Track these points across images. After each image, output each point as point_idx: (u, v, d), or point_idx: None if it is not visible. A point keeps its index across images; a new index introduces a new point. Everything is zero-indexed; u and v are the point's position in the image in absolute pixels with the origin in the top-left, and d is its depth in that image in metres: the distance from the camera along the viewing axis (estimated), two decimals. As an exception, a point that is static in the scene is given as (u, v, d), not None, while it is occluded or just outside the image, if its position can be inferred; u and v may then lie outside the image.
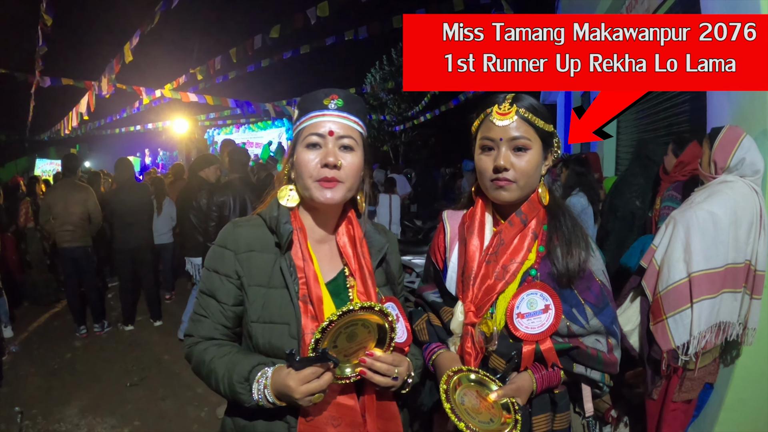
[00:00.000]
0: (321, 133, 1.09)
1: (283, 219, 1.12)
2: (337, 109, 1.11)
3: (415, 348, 1.25)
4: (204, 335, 1.14)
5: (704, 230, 1.99)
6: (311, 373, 0.95)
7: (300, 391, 0.94)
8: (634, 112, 5.28)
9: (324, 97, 1.11)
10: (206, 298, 1.14)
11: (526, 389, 1.14)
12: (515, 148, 1.17)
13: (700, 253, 1.98)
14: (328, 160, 1.07)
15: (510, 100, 1.19)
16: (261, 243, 1.13)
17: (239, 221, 1.18)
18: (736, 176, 2.10)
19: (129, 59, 7.38)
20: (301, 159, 1.10)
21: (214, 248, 1.15)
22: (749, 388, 2.25)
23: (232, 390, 1.03)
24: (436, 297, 1.35)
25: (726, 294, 2.01)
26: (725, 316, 2.02)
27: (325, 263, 1.16)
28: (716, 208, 2.00)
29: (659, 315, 2.07)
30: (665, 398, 2.19)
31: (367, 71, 25.48)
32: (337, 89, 1.13)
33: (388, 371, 1.04)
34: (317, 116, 1.10)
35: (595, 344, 1.19)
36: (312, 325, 1.04)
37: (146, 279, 5.24)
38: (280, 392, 0.98)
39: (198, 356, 1.12)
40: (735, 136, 2.10)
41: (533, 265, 1.21)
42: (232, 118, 19.18)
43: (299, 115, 1.14)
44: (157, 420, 3.36)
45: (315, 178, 1.08)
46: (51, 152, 19.47)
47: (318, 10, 7.29)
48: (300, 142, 1.11)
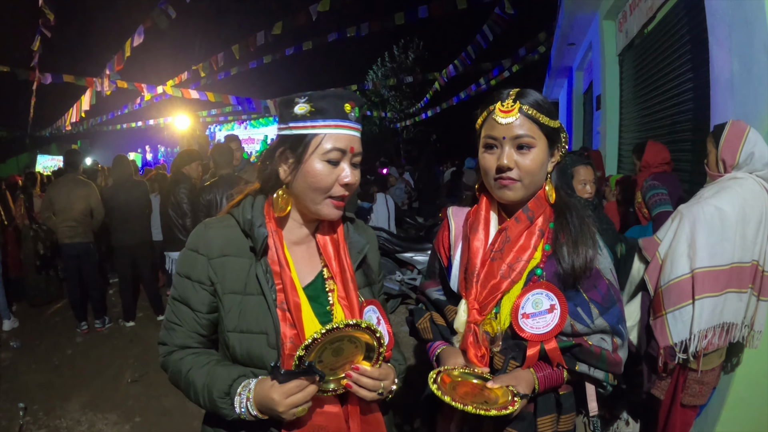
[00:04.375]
0: (343, 149, 1.01)
1: (257, 222, 1.05)
2: (356, 120, 1.04)
3: (397, 353, 1.21)
4: (178, 344, 1.09)
5: (711, 226, 1.94)
6: (296, 386, 0.92)
7: (284, 404, 0.91)
8: (637, 111, 5.26)
9: (343, 102, 1.02)
10: (179, 305, 1.08)
11: (524, 378, 1.12)
12: (519, 147, 1.14)
13: (705, 250, 1.94)
14: (348, 181, 1.02)
15: (513, 96, 1.16)
16: (235, 247, 1.06)
17: (211, 222, 1.11)
18: (746, 173, 2.04)
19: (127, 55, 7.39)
20: (316, 172, 1.01)
21: (186, 252, 1.08)
22: (751, 387, 2.23)
23: (213, 404, 0.99)
24: (440, 295, 1.34)
25: (731, 294, 1.95)
26: (729, 317, 1.96)
27: (303, 265, 1.10)
28: (724, 204, 1.95)
29: (659, 310, 2.04)
30: (673, 401, 2.16)
31: (369, 68, 25.43)
32: (350, 92, 1.05)
33: (374, 386, 1.00)
34: (340, 126, 1.01)
35: (600, 343, 1.17)
36: (291, 333, 1.00)
37: (146, 275, 5.24)
38: (263, 405, 0.94)
39: (174, 366, 1.08)
40: (740, 131, 2.05)
41: (539, 264, 1.19)
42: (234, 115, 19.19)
43: (313, 115, 1.01)
44: (159, 416, 3.37)
45: (330, 195, 1.03)
46: (53, 148, 19.50)
47: (319, 5, 7.28)
48: (315, 150, 1.00)
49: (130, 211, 4.96)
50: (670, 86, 4.12)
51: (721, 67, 2.72)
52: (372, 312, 1.10)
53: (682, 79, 3.82)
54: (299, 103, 1.02)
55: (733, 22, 2.57)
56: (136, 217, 5.03)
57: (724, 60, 2.68)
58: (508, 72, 11.94)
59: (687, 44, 3.68)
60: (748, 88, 2.42)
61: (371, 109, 23.80)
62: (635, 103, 5.36)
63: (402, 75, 21.87)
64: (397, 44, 24.84)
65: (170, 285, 6.07)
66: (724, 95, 2.67)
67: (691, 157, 3.63)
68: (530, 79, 14.40)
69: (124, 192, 4.96)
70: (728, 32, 2.62)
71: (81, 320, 5.00)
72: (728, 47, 2.62)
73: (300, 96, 1.03)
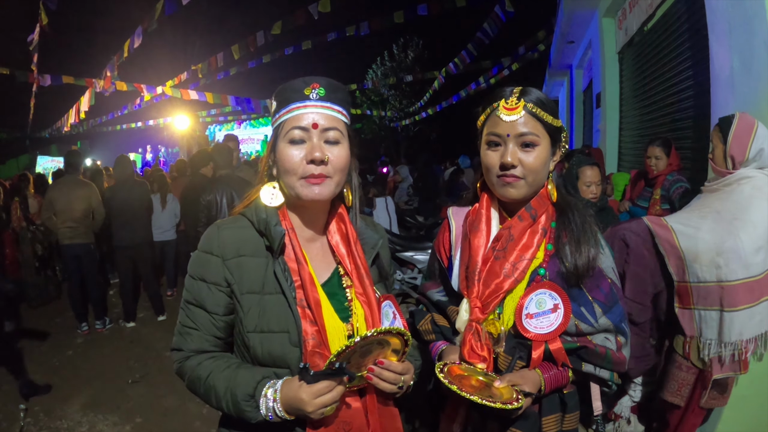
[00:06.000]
0: (304, 126, 1.02)
1: (273, 221, 1.05)
2: (319, 99, 1.03)
3: (413, 349, 1.21)
4: (195, 348, 1.07)
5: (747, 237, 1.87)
6: (325, 387, 0.92)
7: (313, 404, 0.91)
8: (637, 108, 5.26)
9: (304, 86, 1.03)
10: (193, 308, 1.07)
11: (531, 378, 1.11)
12: (523, 144, 1.14)
13: (738, 261, 1.86)
14: (315, 156, 1.00)
15: (517, 94, 1.15)
16: (250, 247, 1.06)
17: (223, 223, 1.10)
18: (756, 169, 1.97)
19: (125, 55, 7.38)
20: (284, 155, 1.02)
21: (199, 255, 1.07)
22: (752, 385, 2.23)
23: (237, 408, 0.98)
24: (441, 296, 1.33)
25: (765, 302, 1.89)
26: (765, 326, 1.91)
27: (318, 263, 1.10)
28: (754, 216, 1.88)
29: (688, 303, 1.96)
30: (688, 404, 2.14)
31: (369, 67, 25.42)
32: (317, 77, 1.06)
33: (395, 380, 1.01)
34: (298, 108, 1.03)
35: (604, 342, 1.17)
36: (312, 330, 1.00)
37: (147, 276, 5.24)
38: (290, 406, 0.94)
39: (192, 372, 1.05)
40: (749, 125, 1.98)
41: (542, 264, 1.19)
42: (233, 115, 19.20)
43: (278, 107, 1.06)
44: (159, 417, 3.37)
45: (300, 175, 1.02)
46: (53, 149, 19.50)
47: (319, 5, 7.27)
48: (281, 136, 1.04)
49: (131, 211, 4.96)
50: (670, 84, 4.12)
51: (722, 64, 2.71)
52: (388, 307, 1.10)
53: (683, 76, 3.81)
54: (272, 101, 1.07)
55: (733, 18, 2.57)
56: (137, 217, 5.03)
57: (724, 57, 2.68)
58: (507, 70, 11.93)
59: (687, 41, 3.68)
60: (748, 85, 2.41)
61: (371, 108, 23.79)
62: (635, 101, 5.36)
63: (401, 74, 21.86)
64: (396, 43, 24.83)
65: (170, 285, 6.10)
66: (725, 92, 2.66)
67: (692, 155, 3.62)
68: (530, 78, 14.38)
69: (125, 192, 4.96)
70: (728, 29, 2.61)
71: (81, 321, 4.99)
72: (728, 44, 2.61)
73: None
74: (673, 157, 3.24)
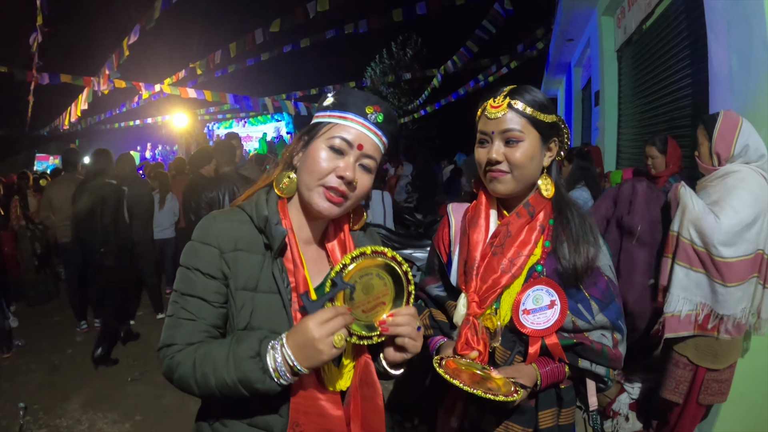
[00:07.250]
0: (350, 141, 1.00)
1: (274, 219, 1.02)
2: (375, 123, 1.03)
3: None
4: (189, 340, 1.00)
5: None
6: (331, 312, 0.89)
7: (321, 331, 0.86)
8: (635, 106, 5.26)
9: (367, 104, 1.03)
10: (189, 299, 1.01)
11: (527, 373, 1.13)
12: (507, 141, 1.17)
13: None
14: (345, 174, 0.98)
15: (505, 93, 1.19)
16: (247, 242, 1.02)
17: (219, 214, 1.05)
18: (741, 164, 2.04)
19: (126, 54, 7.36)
20: (316, 155, 1.00)
21: (193, 245, 1.02)
22: (750, 382, 2.25)
23: (240, 372, 0.91)
24: (440, 291, 1.34)
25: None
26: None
27: (311, 266, 1.07)
28: (738, 205, 1.98)
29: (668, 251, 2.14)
30: (687, 401, 2.16)
31: (368, 65, 25.40)
32: (381, 101, 1.06)
33: (410, 322, 0.98)
34: (353, 120, 1.02)
35: (601, 339, 1.19)
36: None
37: (147, 273, 5.23)
38: (298, 344, 0.89)
39: (187, 360, 0.98)
40: (733, 122, 2.05)
41: (539, 261, 1.20)
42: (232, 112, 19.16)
43: (333, 106, 1.04)
44: (159, 415, 3.37)
45: (324, 183, 0.99)
46: (51, 147, 19.46)
47: (318, 5, 7.24)
48: (322, 135, 1.02)
49: (132, 208, 4.94)
50: (668, 82, 4.12)
51: (720, 62, 2.72)
52: None
53: (681, 74, 3.81)
54: (329, 96, 1.06)
55: (731, 17, 2.57)
56: (138, 214, 5.01)
57: (722, 56, 2.68)
58: (506, 68, 11.92)
59: (685, 40, 3.68)
60: (746, 83, 2.42)
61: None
62: (634, 99, 5.36)
63: (400, 72, 21.84)
64: (395, 41, 24.80)
65: (169, 283, 6.10)
66: (723, 91, 2.67)
67: (690, 153, 3.62)
68: (529, 76, 14.39)
69: (129, 190, 4.94)
70: (727, 28, 2.61)
71: (81, 319, 4.99)
72: (727, 43, 2.62)
73: (334, 91, 1.07)
74: (671, 156, 3.19)
